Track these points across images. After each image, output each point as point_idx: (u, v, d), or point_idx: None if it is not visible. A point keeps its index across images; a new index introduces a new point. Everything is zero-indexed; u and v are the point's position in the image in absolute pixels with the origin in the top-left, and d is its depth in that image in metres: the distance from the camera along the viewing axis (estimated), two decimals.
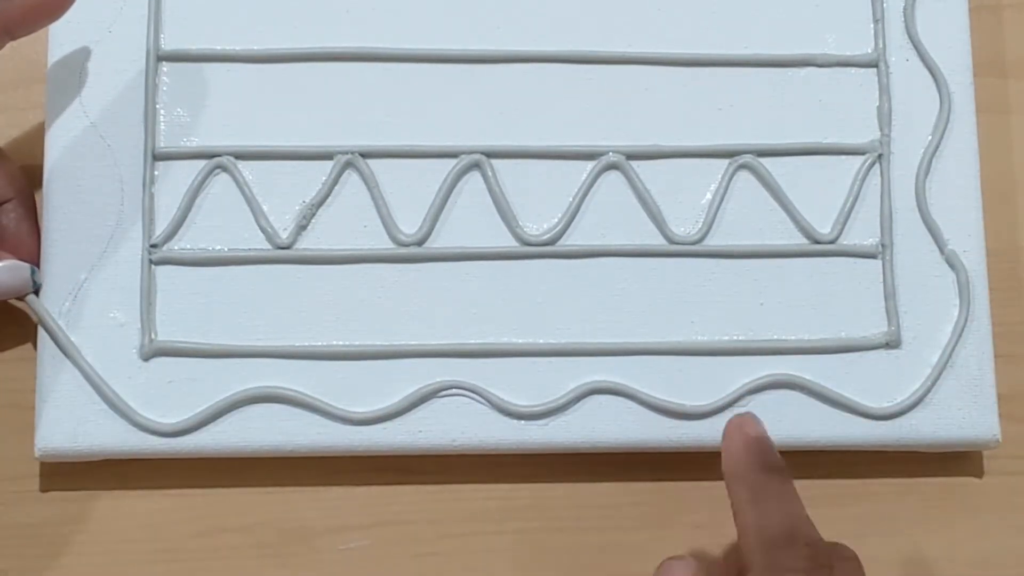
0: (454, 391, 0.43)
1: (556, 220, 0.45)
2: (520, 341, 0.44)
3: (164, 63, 0.45)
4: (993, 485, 0.46)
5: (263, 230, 0.44)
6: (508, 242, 0.45)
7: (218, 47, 0.45)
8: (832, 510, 0.45)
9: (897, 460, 0.46)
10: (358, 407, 0.43)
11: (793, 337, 0.45)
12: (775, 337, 0.45)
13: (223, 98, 0.45)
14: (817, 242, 0.45)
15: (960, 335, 0.45)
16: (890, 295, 0.45)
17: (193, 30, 0.45)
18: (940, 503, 0.46)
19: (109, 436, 0.42)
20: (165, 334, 0.43)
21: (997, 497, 0.46)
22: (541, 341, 0.44)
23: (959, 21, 0.47)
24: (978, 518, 0.46)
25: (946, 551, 0.46)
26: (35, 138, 0.45)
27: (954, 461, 0.46)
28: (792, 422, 0.44)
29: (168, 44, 0.45)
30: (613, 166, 0.45)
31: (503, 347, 0.44)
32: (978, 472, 0.46)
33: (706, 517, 0.45)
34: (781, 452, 0.44)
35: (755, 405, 0.44)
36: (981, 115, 0.46)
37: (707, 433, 0.44)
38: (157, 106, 0.44)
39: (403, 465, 0.45)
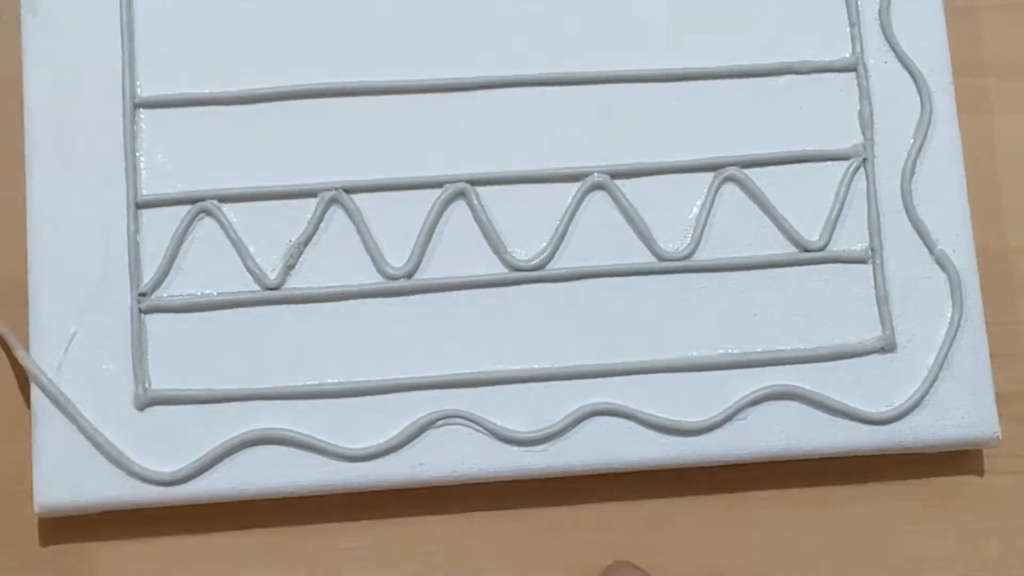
0: (452, 420, 0.43)
1: (544, 244, 0.45)
2: (515, 367, 0.44)
3: (141, 110, 0.44)
4: (993, 485, 0.46)
5: (251, 272, 0.44)
6: (497, 269, 0.44)
7: (194, 91, 0.45)
8: (833, 511, 0.46)
9: (897, 461, 0.46)
10: (356, 443, 0.43)
11: (788, 347, 0.45)
12: (770, 348, 0.45)
13: (203, 142, 0.44)
14: (806, 250, 0.45)
15: (955, 335, 0.45)
16: (882, 299, 0.45)
17: (168, 75, 0.45)
18: (940, 503, 0.46)
19: (108, 488, 0.42)
20: (159, 382, 0.43)
21: (997, 497, 0.46)
22: (536, 366, 0.44)
23: (935, 20, 0.47)
24: (978, 518, 0.46)
25: (946, 551, 0.46)
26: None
27: (954, 461, 0.46)
28: (791, 432, 0.44)
29: (144, 91, 0.45)
30: (598, 186, 0.45)
31: (498, 374, 0.44)
32: (978, 472, 0.46)
33: (707, 532, 0.45)
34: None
35: (753, 417, 0.44)
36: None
37: (708, 449, 0.44)
38: (137, 154, 0.44)
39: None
